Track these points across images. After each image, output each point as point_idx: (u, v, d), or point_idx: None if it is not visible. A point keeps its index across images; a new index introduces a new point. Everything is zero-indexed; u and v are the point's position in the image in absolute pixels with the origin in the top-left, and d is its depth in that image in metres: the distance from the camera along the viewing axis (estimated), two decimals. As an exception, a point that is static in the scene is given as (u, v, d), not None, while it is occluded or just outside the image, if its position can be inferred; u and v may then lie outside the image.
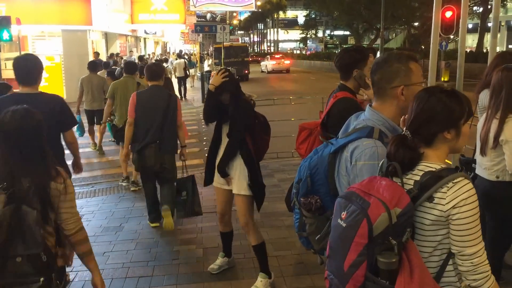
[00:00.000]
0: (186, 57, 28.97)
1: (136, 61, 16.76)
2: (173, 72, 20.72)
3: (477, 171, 3.45)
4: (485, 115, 3.36)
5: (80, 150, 4.33)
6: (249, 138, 3.85)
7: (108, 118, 7.43)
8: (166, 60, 23.16)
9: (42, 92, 3.86)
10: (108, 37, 24.56)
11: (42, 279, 2.37)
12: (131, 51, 28.19)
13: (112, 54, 20.16)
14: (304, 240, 2.47)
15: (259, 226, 5.31)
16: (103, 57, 19.56)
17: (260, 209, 4.04)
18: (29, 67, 3.77)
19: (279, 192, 6.57)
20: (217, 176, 4.00)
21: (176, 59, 22.18)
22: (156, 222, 5.46)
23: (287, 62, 40.31)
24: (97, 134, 9.77)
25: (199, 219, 5.66)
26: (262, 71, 40.05)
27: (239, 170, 3.84)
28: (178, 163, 5.47)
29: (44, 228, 2.41)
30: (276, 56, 43.26)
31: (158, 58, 25.57)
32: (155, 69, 5.41)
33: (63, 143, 3.94)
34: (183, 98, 19.79)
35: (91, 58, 18.68)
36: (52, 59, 18.63)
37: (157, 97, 5.22)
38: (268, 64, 39.55)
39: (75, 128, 5.20)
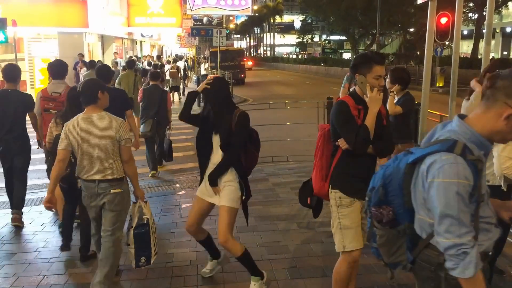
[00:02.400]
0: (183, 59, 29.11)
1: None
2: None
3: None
4: None
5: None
6: (242, 153, 3.85)
7: None
8: (163, 66, 23.65)
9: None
10: (104, 40, 24.55)
11: None
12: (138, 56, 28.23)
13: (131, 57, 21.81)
14: (374, 250, 2.36)
15: (253, 230, 5.33)
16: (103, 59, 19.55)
17: (248, 222, 4.06)
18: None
19: (273, 196, 6.58)
20: (203, 187, 3.94)
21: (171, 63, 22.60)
22: None
23: (250, 63, 50.15)
24: None
25: (193, 223, 5.67)
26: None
27: (228, 181, 3.80)
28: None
29: None
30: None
31: (154, 63, 25.47)
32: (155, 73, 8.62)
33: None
34: (182, 95, 21.23)
35: (87, 60, 18.71)
36: (48, 61, 18.56)
37: (156, 91, 8.02)
38: None
39: None
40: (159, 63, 20.62)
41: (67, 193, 4.74)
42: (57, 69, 5.67)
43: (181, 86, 21.81)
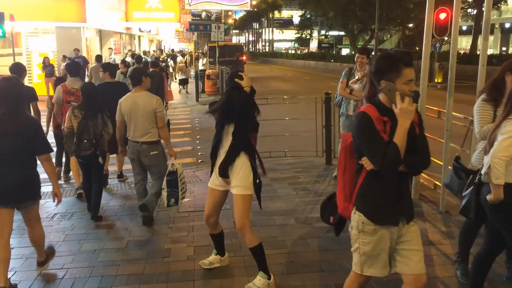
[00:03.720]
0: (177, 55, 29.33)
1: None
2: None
3: (483, 179, 3.36)
4: (498, 118, 3.31)
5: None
6: (252, 138, 3.87)
7: None
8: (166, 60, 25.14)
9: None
10: (102, 35, 24.48)
11: None
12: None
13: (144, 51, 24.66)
14: None
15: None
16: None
17: (261, 207, 4.11)
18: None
19: (271, 191, 6.58)
20: (214, 177, 3.98)
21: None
22: None
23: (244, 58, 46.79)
24: None
25: (191, 218, 5.67)
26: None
27: (243, 169, 3.82)
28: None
29: None
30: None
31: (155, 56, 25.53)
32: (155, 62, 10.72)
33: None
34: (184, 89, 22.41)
35: (84, 55, 18.72)
36: (45, 55, 18.52)
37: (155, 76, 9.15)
38: None
39: None
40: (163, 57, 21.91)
41: (84, 167, 5.87)
42: (73, 68, 7.05)
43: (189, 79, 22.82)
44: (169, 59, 26.41)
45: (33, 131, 3.87)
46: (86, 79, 14.96)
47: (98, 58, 15.14)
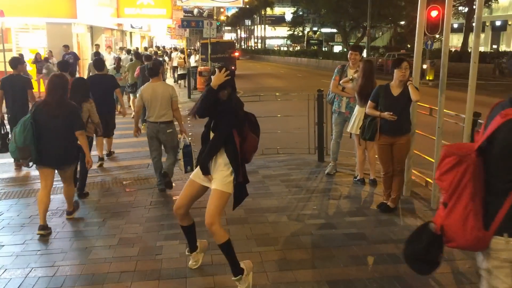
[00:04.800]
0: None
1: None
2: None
3: None
4: None
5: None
6: (237, 136, 3.82)
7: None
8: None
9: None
10: (93, 31, 24.29)
11: None
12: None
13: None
14: None
15: (243, 222, 5.34)
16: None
17: (235, 208, 3.98)
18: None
19: (263, 188, 6.58)
20: (198, 171, 3.96)
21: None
22: None
23: (237, 54, 44.99)
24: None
25: (183, 215, 5.65)
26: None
27: (223, 165, 3.81)
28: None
29: None
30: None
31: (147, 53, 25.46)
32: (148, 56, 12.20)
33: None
34: (176, 83, 23.56)
35: (76, 51, 18.58)
36: (36, 52, 18.35)
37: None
38: None
39: None
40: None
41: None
42: (63, 65, 8.36)
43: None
44: (165, 56, 26.75)
45: (73, 114, 5.19)
46: (77, 75, 15.19)
47: (96, 54, 16.45)
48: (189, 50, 31.17)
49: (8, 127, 7.70)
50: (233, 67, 29.66)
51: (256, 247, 4.69)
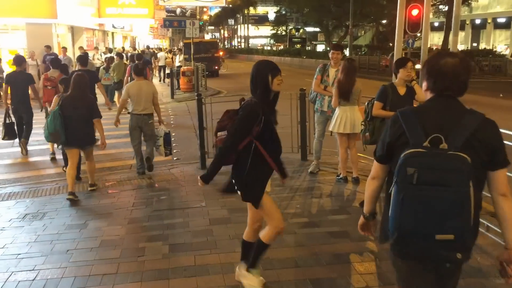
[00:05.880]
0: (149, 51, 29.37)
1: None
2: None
3: None
4: None
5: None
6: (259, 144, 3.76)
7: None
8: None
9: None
10: (74, 31, 24.03)
11: None
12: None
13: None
14: None
15: (226, 222, 5.32)
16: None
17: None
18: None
19: (247, 187, 6.57)
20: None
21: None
22: None
23: (221, 53, 44.97)
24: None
25: (166, 216, 5.62)
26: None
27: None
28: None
29: None
30: None
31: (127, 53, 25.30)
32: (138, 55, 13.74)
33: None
34: (163, 81, 24.84)
35: (56, 52, 18.34)
36: (16, 53, 18.08)
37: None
38: None
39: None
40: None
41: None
42: (55, 63, 9.48)
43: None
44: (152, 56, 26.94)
45: (91, 105, 6.49)
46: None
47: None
48: (173, 50, 31.08)
49: (13, 117, 8.99)
50: (216, 67, 29.69)
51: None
